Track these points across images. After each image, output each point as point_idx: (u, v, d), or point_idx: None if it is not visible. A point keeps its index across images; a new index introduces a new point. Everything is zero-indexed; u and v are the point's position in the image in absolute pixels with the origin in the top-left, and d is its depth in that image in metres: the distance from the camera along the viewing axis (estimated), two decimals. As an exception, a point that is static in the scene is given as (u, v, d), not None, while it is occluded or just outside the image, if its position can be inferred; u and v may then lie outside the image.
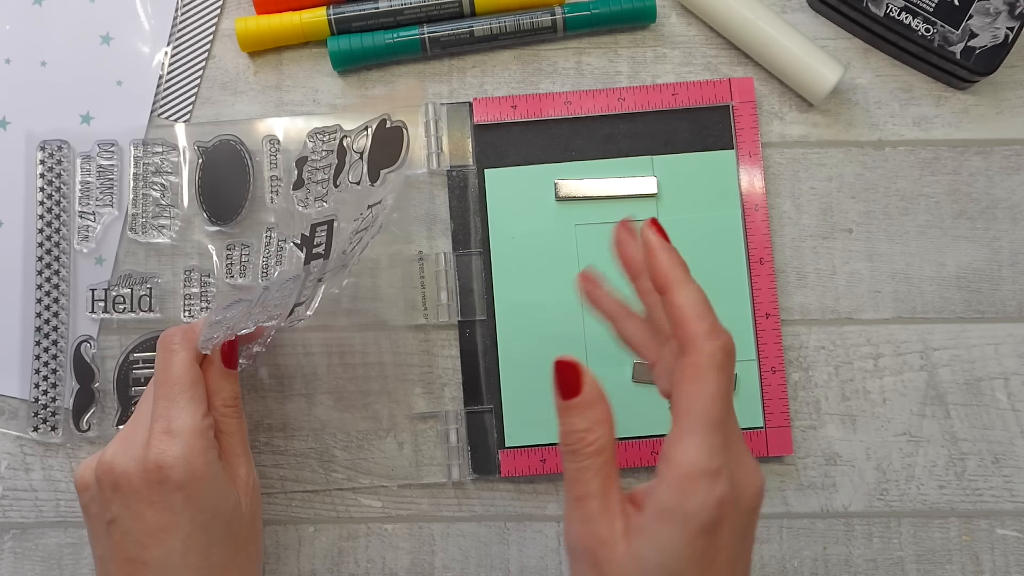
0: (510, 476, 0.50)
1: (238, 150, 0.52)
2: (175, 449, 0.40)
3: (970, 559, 0.50)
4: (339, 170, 0.50)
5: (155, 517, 0.40)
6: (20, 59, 0.53)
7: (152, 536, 0.40)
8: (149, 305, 0.51)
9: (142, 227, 0.51)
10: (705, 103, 0.52)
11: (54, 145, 0.52)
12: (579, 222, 0.51)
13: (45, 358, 0.51)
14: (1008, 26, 0.50)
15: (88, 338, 0.51)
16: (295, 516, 0.51)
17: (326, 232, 0.49)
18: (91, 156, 0.52)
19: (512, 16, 0.52)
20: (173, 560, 0.40)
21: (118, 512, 0.40)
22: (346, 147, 0.50)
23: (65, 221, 0.52)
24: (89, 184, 0.52)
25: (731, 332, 0.46)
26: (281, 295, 0.43)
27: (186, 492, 0.40)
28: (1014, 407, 0.51)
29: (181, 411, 0.41)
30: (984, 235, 0.52)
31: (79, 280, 0.52)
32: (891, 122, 0.53)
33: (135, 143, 0.52)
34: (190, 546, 0.40)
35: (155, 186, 0.51)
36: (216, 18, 0.54)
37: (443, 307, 0.51)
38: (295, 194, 0.51)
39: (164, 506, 0.40)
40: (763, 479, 0.36)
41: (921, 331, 0.52)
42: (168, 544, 0.40)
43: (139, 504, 0.40)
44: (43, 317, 0.51)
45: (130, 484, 0.40)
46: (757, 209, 0.52)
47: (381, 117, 0.50)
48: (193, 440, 0.41)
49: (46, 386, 0.51)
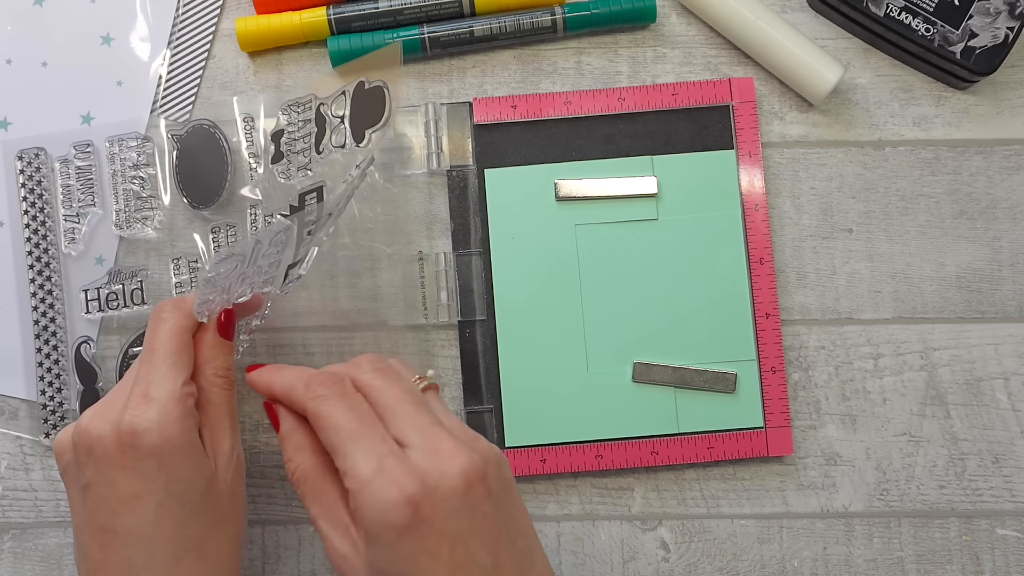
0: (510, 476, 0.50)
1: (212, 133, 0.51)
2: (150, 414, 0.39)
3: (970, 559, 0.50)
4: (320, 137, 0.50)
5: (127, 483, 0.39)
6: (20, 59, 0.53)
7: (124, 503, 0.39)
8: (142, 298, 0.51)
9: (126, 222, 0.51)
10: (705, 103, 0.52)
11: (31, 153, 0.52)
12: (579, 222, 0.52)
13: (47, 364, 0.51)
14: (1008, 26, 0.50)
15: (87, 339, 0.51)
16: (295, 516, 0.51)
17: (316, 198, 0.49)
18: (69, 159, 0.52)
19: (512, 16, 0.52)
20: (144, 530, 0.39)
21: (92, 477, 0.40)
22: (324, 114, 0.50)
23: (51, 227, 0.52)
24: (70, 187, 0.52)
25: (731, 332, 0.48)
26: (273, 250, 0.42)
27: (159, 459, 0.39)
28: (1014, 407, 0.51)
29: (161, 377, 0.41)
30: (984, 235, 0.52)
31: (72, 283, 0.52)
32: (891, 122, 0.53)
33: (110, 139, 0.52)
34: (163, 516, 0.39)
35: (134, 180, 0.51)
36: (216, 18, 0.54)
37: (443, 307, 0.51)
38: (275, 167, 0.51)
39: (136, 472, 0.39)
40: (467, 460, 0.36)
41: (921, 331, 0.52)
42: (140, 513, 0.39)
43: (111, 469, 0.39)
44: (41, 324, 0.51)
45: (103, 448, 0.39)
46: (757, 209, 0.52)
47: (358, 80, 0.50)
48: (170, 406, 0.40)
49: (51, 391, 0.51)
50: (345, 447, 0.37)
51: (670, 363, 0.50)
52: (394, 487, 0.35)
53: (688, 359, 0.51)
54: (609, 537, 0.51)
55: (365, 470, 0.36)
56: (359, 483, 0.36)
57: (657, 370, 0.50)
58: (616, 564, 0.51)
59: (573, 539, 0.51)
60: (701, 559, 0.51)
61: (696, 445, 0.50)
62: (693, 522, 0.51)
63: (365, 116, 0.49)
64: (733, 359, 0.51)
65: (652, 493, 0.51)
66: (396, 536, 0.35)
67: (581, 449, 0.50)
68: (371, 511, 0.36)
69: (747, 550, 0.51)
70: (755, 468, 0.51)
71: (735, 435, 0.50)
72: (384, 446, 0.37)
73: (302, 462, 0.40)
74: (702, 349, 0.51)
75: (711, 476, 0.51)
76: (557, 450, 0.50)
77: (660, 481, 0.51)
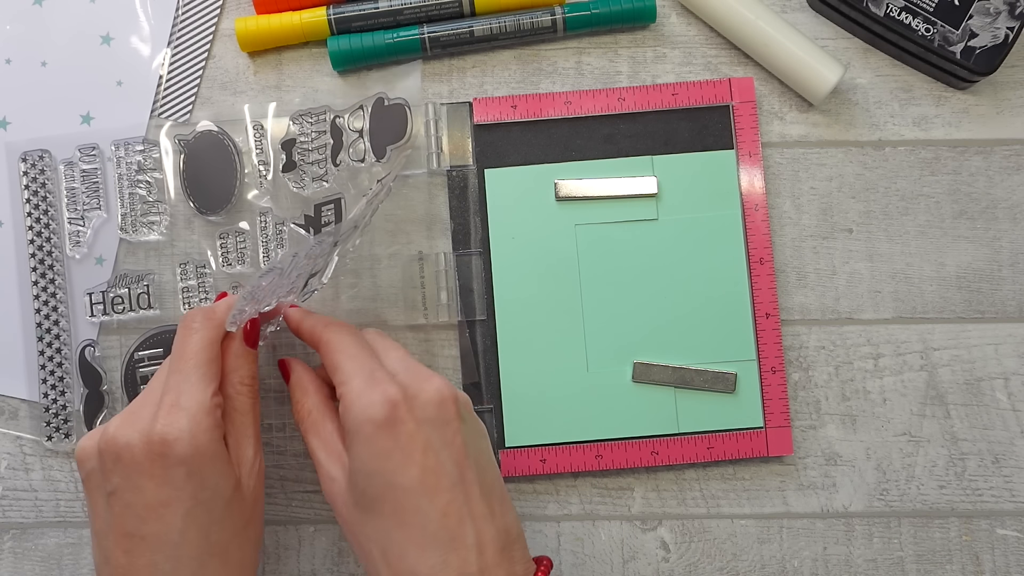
0: (510, 476, 0.50)
1: (221, 139, 0.52)
2: (181, 423, 0.40)
3: (970, 559, 0.50)
4: (336, 150, 0.50)
5: (155, 491, 0.40)
6: (20, 59, 0.53)
7: (152, 511, 0.40)
8: (148, 302, 0.51)
9: (132, 226, 0.51)
10: (705, 103, 0.52)
11: (35, 155, 0.52)
12: (579, 222, 0.52)
13: (50, 367, 0.51)
14: (1008, 26, 0.50)
15: (91, 342, 0.51)
16: (295, 516, 0.51)
17: (333, 210, 0.49)
18: (73, 162, 0.52)
19: (512, 16, 0.52)
20: (172, 537, 0.40)
21: (119, 484, 0.40)
22: (340, 127, 0.51)
23: (55, 229, 0.52)
24: (75, 189, 0.52)
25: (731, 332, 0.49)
26: (307, 262, 0.44)
27: (188, 468, 0.40)
28: (1014, 407, 0.51)
29: (192, 387, 0.41)
30: (984, 235, 0.52)
31: (75, 286, 0.52)
32: (891, 122, 0.53)
33: (116, 143, 0.52)
34: (190, 523, 0.40)
35: (141, 184, 0.51)
36: (216, 18, 0.54)
37: (443, 307, 0.51)
38: (287, 176, 0.51)
39: (165, 480, 0.40)
40: (442, 383, 0.41)
41: (921, 331, 0.52)
42: (168, 520, 0.40)
43: (140, 477, 0.40)
44: (44, 327, 0.51)
45: (132, 456, 0.40)
46: (757, 209, 0.52)
47: (377, 96, 0.50)
48: (200, 416, 0.40)
49: (55, 394, 0.51)
50: (345, 364, 0.42)
51: (670, 363, 0.51)
52: (378, 391, 0.40)
53: (688, 359, 0.51)
54: (609, 537, 0.51)
55: (358, 381, 0.41)
56: (350, 389, 0.41)
57: (657, 370, 0.50)
58: (616, 564, 0.51)
59: (573, 539, 0.51)
60: (701, 559, 0.51)
61: (696, 445, 0.50)
62: (693, 522, 0.51)
63: (386, 132, 0.50)
64: (733, 359, 0.51)
65: (652, 493, 0.51)
66: (374, 430, 0.40)
67: (581, 449, 0.50)
68: (356, 409, 0.40)
69: (747, 550, 0.51)
70: (755, 468, 0.51)
71: (735, 435, 0.50)
72: (376, 367, 0.42)
73: (306, 402, 0.45)
74: (702, 349, 0.51)
75: (711, 476, 0.51)
76: (557, 450, 0.50)
77: (660, 481, 0.51)
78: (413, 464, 0.39)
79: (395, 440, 0.40)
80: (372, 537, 0.40)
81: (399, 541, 0.39)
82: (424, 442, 0.40)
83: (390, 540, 0.39)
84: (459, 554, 0.39)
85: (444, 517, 0.39)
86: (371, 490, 0.40)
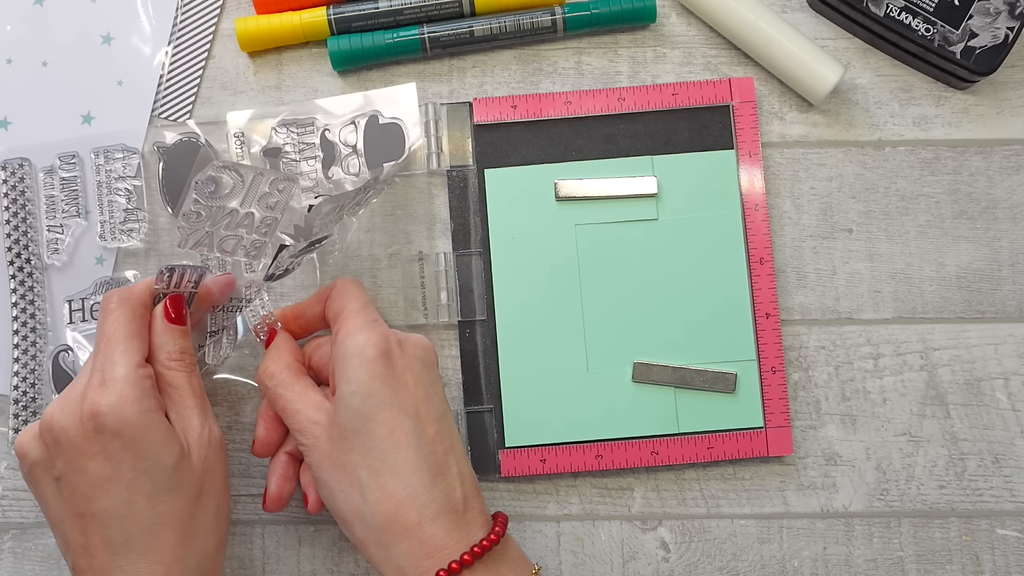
0: (510, 476, 0.50)
1: (200, 147, 0.51)
2: (108, 397, 0.41)
3: (970, 559, 0.50)
4: (327, 162, 0.50)
5: (97, 468, 0.41)
6: (21, 59, 0.53)
7: (97, 487, 0.41)
8: None
9: (111, 233, 0.51)
10: (705, 103, 0.52)
11: (15, 164, 0.51)
12: (579, 222, 0.52)
13: (23, 373, 0.50)
14: (1008, 26, 0.50)
15: (66, 347, 0.51)
16: (295, 516, 0.51)
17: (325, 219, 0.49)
18: (53, 170, 0.52)
19: (512, 16, 0.52)
20: (119, 509, 0.41)
21: (63, 468, 0.41)
22: (332, 140, 0.50)
23: (33, 237, 0.51)
24: (54, 197, 0.52)
25: (731, 332, 0.49)
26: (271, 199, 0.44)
27: (122, 440, 0.41)
28: (1014, 407, 0.51)
29: (114, 363, 0.42)
30: (984, 235, 0.52)
31: (55, 293, 0.51)
32: (891, 122, 0.53)
33: (95, 151, 0.52)
34: (134, 494, 0.41)
35: (120, 192, 0.51)
36: (216, 18, 0.54)
37: (443, 307, 0.51)
38: None
39: (104, 456, 0.41)
40: (428, 341, 0.46)
41: (921, 331, 0.52)
42: (113, 494, 0.41)
43: (80, 457, 0.41)
44: (20, 334, 0.50)
45: (69, 439, 0.41)
46: (757, 209, 0.52)
47: (371, 112, 0.50)
48: (126, 388, 0.41)
49: (25, 401, 0.50)
50: (350, 306, 0.45)
51: (670, 363, 0.51)
52: (376, 332, 0.43)
53: (688, 359, 0.51)
54: (609, 537, 0.51)
55: (360, 320, 0.44)
56: (353, 324, 0.44)
57: (657, 370, 0.50)
58: (616, 564, 0.51)
59: (573, 539, 0.51)
60: (701, 559, 0.51)
61: (696, 445, 0.50)
62: (693, 522, 0.51)
63: (381, 150, 0.50)
64: (733, 359, 0.51)
65: (652, 493, 0.51)
66: (375, 354, 0.42)
67: (581, 449, 0.50)
68: (359, 339, 0.43)
69: (747, 550, 0.51)
70: (755, 468, 0.51)
71: (735, 435, 0.50)
72: (377, 316, 0.45)
73: (276, 366, 0.46)
74: (702, 349, 0.51)
75: (711, 476, 0.51)
76: (557, 450, 0.50)
77: (660, 481, 0.51)
78: (407, 392, 0.43)
79: (391, 368, 0.43)
80: (360, 462, 0.42)
81: (394, 461, 0.41)
82: (415, 375, 0.43)
83: (383, 460, 0.41)
84: (446, 480, 0.42)
85: (433, 444, 0.42)
86: (366, 411, 0.42)
